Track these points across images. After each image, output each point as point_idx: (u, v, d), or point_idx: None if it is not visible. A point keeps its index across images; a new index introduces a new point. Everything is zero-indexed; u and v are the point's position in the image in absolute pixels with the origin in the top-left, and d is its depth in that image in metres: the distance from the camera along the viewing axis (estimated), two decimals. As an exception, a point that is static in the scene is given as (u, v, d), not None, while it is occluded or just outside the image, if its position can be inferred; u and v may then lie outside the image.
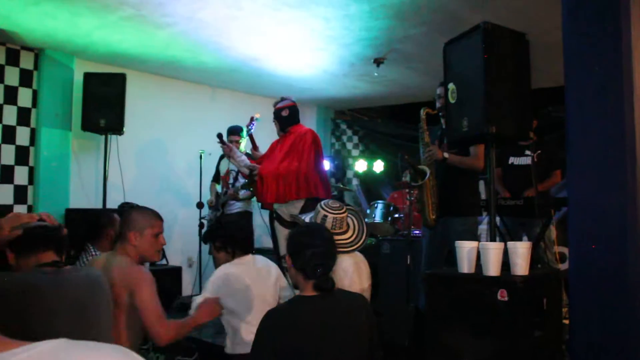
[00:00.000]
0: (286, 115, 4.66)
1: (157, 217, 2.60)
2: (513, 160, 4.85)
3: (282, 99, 4.72)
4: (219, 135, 4.84)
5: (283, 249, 4.69)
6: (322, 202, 2.93)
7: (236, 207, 5.57)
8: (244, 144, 5.60)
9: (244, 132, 5.55)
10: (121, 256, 2.50)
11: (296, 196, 4.48)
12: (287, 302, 2.23)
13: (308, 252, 2.11)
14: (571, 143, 2.71)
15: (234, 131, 5.61)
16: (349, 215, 2.96)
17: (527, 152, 4.71)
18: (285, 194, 4.46)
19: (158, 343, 2.43)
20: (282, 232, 4.72)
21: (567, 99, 2.72)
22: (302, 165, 4.47)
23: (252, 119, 5.08)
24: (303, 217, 3.05)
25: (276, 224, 4.78)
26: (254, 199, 5.35)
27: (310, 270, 2.09)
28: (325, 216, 2.86)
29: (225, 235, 3.08)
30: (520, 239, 4.35)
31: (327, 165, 7.20)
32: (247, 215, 5.70)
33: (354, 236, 2.91)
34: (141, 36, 4.93)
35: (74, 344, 0.76)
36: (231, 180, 5.53)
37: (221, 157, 5.88)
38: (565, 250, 4.93)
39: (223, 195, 5.59)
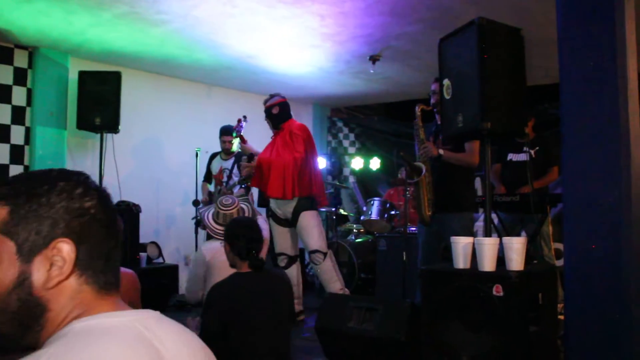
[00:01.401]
0: (277, 113, 4.69)
1: None
2: (512, 156, 4.87)
3: (272, 96, 4.75)
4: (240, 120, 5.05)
5: (279, 247, 4.71)
6: (218, 200, 3.60)
7: (231, 205, 5.57)
8: (236, 144, 5.61)
9: (235, 133, 5.57)
10: None
11: (295, 194, 4.49)
12: (229, 277, 2.71)
13: (243, 240, 2.66)
14: (566, 138, 2.71)
15: (226, 131, 5.63)
16: (243, 204, 3.66)
17: (526, 149, 4.73)
18: (286, 192, 4.46)
19: None
20: (277, 230, 4.72)
21: (562, 95, 2.72)
22: (297, 162, 4.48)
23: (239, 121, 5.10)
24: (204, 214, 3.56)
25: (271, 221, 4.79)
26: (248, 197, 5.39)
27: (244, 253, 2.65)
28: (217, 212, 3.51)
29: None
30: (518, 235, 4.36)
31: (323, 163, 7.21)
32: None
33: None
34: (136, 34, 4.91)
35: (163, 316, 0.94)
36: (225, 179, 5.54)
37: (212, 157, 5.89)
38: (561, 246, 4.93)
39: (217, 194, 5.59)
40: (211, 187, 5.78)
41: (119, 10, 4.30)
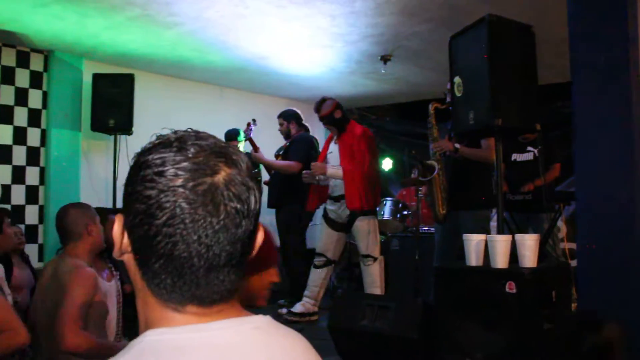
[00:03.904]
0: (340, 117, 4.68)
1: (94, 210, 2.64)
2: (515, 157, 4.84)
3: (322, 101, 4.72)
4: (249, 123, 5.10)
5: (321, 246, 4.76)
6: None
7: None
8: (242, 147, 5.62)
9: (241, 136, 5.56)
10: (71, 258, 2.43)
11: (371, 205, 4.56)
12: None
13: None
14: (578, 135, 2.71)
15: (231, 136, 5.62)
16: None
17: (529, 149, 4.72)
18: (363, 203, 4.49)
19: (60, 346, 2.21)
20: (326, 231, 4.74)
21: (574, 91, 2.72)
22: (364, 171, 4.52)
23: (249, 125, 5.13)
24: None
25: (322, 220, 4.81)
26: None
27: None
28: None
29: None
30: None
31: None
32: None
33: None
34: (148, 36, 4.96)
35: (277, 324, 0.84)
36: None
37: None
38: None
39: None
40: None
41: (132, 13, 4.35)
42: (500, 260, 2.68)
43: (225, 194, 0.74)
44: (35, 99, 5.31)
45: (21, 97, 5.21)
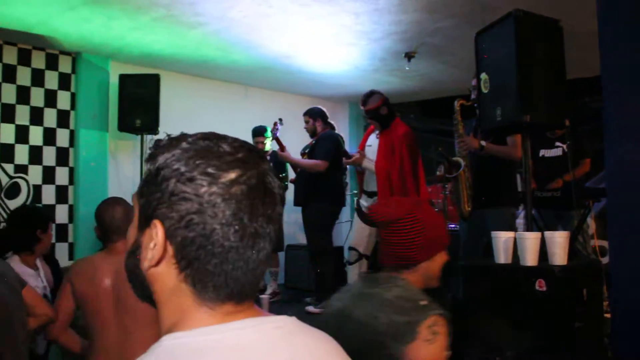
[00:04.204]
0: (385, 114, 4.62)
1: None
2: (544, 152, 4.76)
3: (370, 95, 4.63)
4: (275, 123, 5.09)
5: (353, 240, 4.78)
6: None
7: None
8: (269, 144, 5.64)
9: (269, 133, 5.58)
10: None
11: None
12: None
13: None
14: (608, 131, 2.66)
15: (259, 132, 5.65)
16: None
17: (558, 144, 4.64)
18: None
19: None
20: (359, 225, 4.73)
21: (604, 86, 2.67)
22: (401, 173, 4.43)
23: (275, 124, 5.14)
24: None
25: (356, 215, 4.85)
26: None
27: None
28: None
29: None
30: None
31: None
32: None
33: None
34: (173, 36, 5.01)
35: (302, 324, 0.82)
36: None
37: None
38: (606, 243, 4.81)
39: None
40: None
41: (157, 13, 4.39)
42: (530, 258, 2.65)
43: (271, 185, 0.76)
44: (64, 100, 5.41)
45: (50, 98, 5.31)
